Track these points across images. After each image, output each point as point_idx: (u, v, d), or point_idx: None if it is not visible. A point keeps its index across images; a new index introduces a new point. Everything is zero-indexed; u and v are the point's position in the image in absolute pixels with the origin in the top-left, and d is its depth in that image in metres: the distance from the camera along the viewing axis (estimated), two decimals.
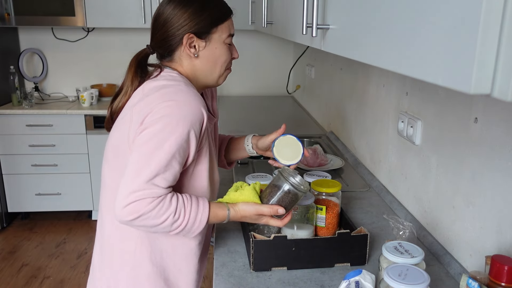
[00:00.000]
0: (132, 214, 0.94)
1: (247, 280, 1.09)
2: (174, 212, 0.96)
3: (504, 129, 0.95)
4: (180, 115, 0.96)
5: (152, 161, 0.94)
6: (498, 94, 0.45)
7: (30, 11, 3.11)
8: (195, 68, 1.10)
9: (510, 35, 0.43)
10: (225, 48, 1.11)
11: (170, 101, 0.97)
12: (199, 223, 1.00)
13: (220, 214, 1.04)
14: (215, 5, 1.09)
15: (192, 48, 1.07)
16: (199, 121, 0.99)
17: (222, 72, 1.13)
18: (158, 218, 0.95)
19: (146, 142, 0.96)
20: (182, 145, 0.97)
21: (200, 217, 1.00)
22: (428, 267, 1.01)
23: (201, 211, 1.00)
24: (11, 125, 3.16)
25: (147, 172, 0.94)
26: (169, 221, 0.96)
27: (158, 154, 0.94)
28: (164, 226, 0.97)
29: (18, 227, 3.37)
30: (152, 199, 0.94)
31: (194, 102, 0.99)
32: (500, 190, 0.97)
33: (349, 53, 0.83)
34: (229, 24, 1.11)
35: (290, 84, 3.65)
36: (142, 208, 0.93)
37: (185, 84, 1.03)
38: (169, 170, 0.96)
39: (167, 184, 0.96)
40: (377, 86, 1.71)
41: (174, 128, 0.95)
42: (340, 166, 1.85)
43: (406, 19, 0.60)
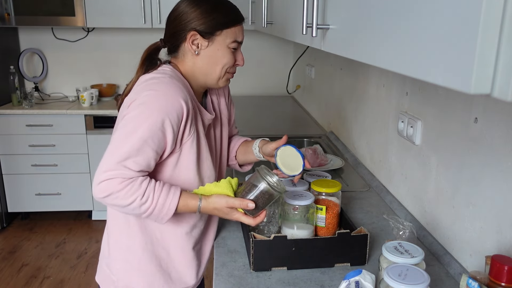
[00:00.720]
0: (103, 192, 1.00)
1: (247, 280, 1.09)
2: (142, 194, 1.01)
3: (504, 129, 0.95)
4: (156, 104, 1.02)
5: (125, 144, 1.00)
6: (498, 94, 0.45)
7: (30, 11, 3.11)
8: (195, 66, 1.13)
9: (510, 35, 0.43)
10: (227, 52, 1.12)
11: (150, 90, 1.03)
12: (168, 209, 1.03)
13: (191, 203, 1.06)
14: (226, 9, 1.12)
15: (194, 45, 1.10)
16: (177, 112, 1.03)
17: (221, 75, 1.15)
18: (127, 199, 1.00)
19: (123, 126, 1.02)
20: (156, 133, 1.01)
21: (169, 204, 1.03)
22: (428, 267, 1.01)
23: (170, 198, 1.03)
24: (11, 125, 3.16)
25: (119, 154, 1.00)
26: (136, 203, 1.00)
27: (131, 138, 1.00)
28: (133, 208, 1.01)
29: (18, 227, 3.37)
30: (122, 180, 1.00)
31: (172, 93, 1.03)
32: (500, 190, 0.97)
33: (349, 53, 0.83)
34: (236, 30, 1.12)
35: (290, 84, 3.65)
36: (112, 187, 0.99)
37: (170, 77, 1.07)
38: (141, 154, 1.01)
39: (138, 167, 1.01)
40: (377, 86, 1.71)
41: (148, 116, 1.01)
42: (340, 166, 1.85)
43: (406, 19, 0.60)
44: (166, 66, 1.13)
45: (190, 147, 1.10)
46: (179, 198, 1.04)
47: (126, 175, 1.00)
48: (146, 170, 1.04)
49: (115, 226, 1.19)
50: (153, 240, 1.16)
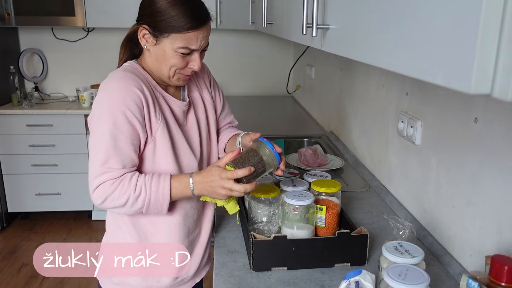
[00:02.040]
0: (100, 198, 1.04)
1: (247, 280, 1.09)
2: (134, 189, 1.03)
3: (504, 129, 0.95)
4: (110, 100, 1.03)
5: (100, 148, 1.03)
6: (498, 94, 0.45)
7: (30, 11, 3.11)
8: (148, 59, 1.13)
9: (510, 35, 0.43)
10: (174, 55, 1.06)
11: (102, 91, 1.06)
12: (163, 195, 1.05)
13: (183, 179, 1.06)
14: (178, 14, 1.02)
15: (144, 39, 1.09)
16: (134, 101, 1.03)
17: (170, 74, 1.10)
18: (122, 198, 1.03)
19: (92, 135, 1.06)
20: (123, 126, 1.03)
21: (162, 189, 1.05)
22: (428, 267, 1.01)
23: (162, 183, 1.05)
24: (11, 125, 3.15)
25: (99, 158, 1.03)
26: (132, 198, 1.03)
27: (102, 141, 1.02)
28: (131, 204, 1.04)
29: (18, 227, 3.37)
30: (112, 181, 1.03)
31: (124, 85, 1.04)
32: (500, 190, 0.97)
33: (349, 53, 0.83)
34: (187, 37, 1.04)
35: (290, 84, 3.65)
36: (105, 191, 1.03)
37: (124, 70, 1.09)
38: (118, 152, 1.03)
39: (121, 164, 1.03)
40: (377, 86, 1.71)
41: (108, 114, 1.02)
42: (340, 166, 1.85)
43: (406, 19, 0.60)
44: (128, 62, 1.14)
45: (162, 135, 1.11)
46: (170, 181, 1.05)
47: (114, 175, 1.03)
48: (131, 165, 1.06)
49: (110, 224, 1.22)
50: (147, 234, 1.17)
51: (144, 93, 1.06)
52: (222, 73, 3.53)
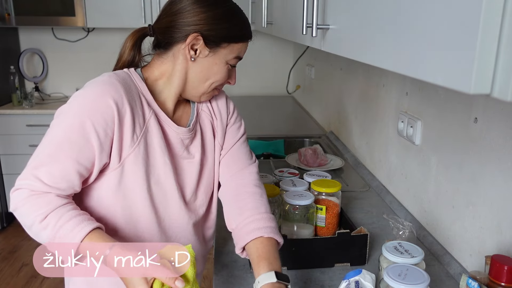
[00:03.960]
0: (12, 204, 0.86)
1: (247, 280, 1.09)
2: (43, 217, 0.81)
3: (504, 129, 0.95)
4: (78, 104, 0.87)
5: (40, 151, 0.86)
6: (498, 94, 0.45)
7: (30, 11, 3.11)
8: (181, 72, 0.96)
9: (510, 35, 0.43)
10: (224, 68, 0.97)
11: (79, 90, 0.89)
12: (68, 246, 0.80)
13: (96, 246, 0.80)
14: (239, 22, 0.97)
15: (193, 50, 0.94)
16: (102, 114, 0.85)
17: (208, 90, 0.99)
18: (27, 217, 0.83)
19: (46, 133, 0.89)
20: (74, 137, 0.84)
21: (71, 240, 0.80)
22: (428, 267, 1.01)
23: (73, 233, 0.79)
24: (11, 125, 3.15)
25: (34, 160, 0.86)
26: (36, 226, 0.81)
27: (46, 143, 0.86)
28: (35, 233, 0.83)
29: (18, 227, 3.35)
30: (28, 192, 0.83)
31: (99, 92, 0.86)
32: (500, 190, 0.97)
33: (349, 53, 0.83)
34: (242, 46, 0.98)
35: (290, 84, 3.65)
36: (17, 199, 0.84)
37: (110, 76, 0.91)
38: (56, 162, 0.84)
39: (52, 180, 0.83)
40: (377, 86, 1.71)
41: (66, 117, 0.86)
42: (340, 166, 1.85)
43: (406, 19, 0.60)
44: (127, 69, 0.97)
45: (135, 163, 0.91)
46: (83, 237, 0.80)
47: (34, 187, 0.83)
48: (64, 188, 0.85)
49: None
50: None
51: (122, 107, 0.87)
52: None
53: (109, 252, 0.78)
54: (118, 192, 0.92)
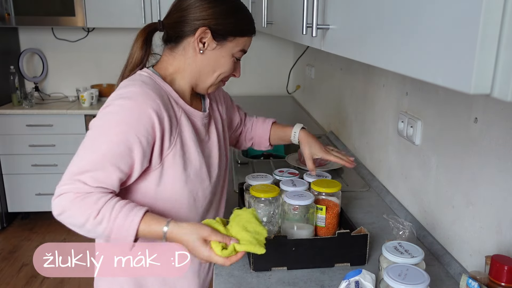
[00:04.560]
0: (57, 209, 0.90)
1: (247, 280, 1.09)
2: (96, 213, 0.87)
3: (504, 129, 0.95)
4: (122, 115, 0.92)
5: (84, 157, 0.91)
6: (498, 94, 0.45)
7: (30, 11, 3.11)
8: (192, 65, 1.04)
9: (510, 35, 0.43)
10: (230, 61, 1.05)
11: (118, 99, 0.93)
12: (126, 233, 0.88)
13: (154, 227, 0.90)
14: (244, 17, 1.06)
15: (201, 43, 1.01)
16: (145, 126, 0.92)
17: (215, 82, 1.07)
18: (79, 217, 0.88)
19: (86, 136, 0.94)
20: (119, 148, 0.91)
21: (128, 228, 0.88)
22: (428, 267, 1.01)
23: (129, 220, 0.88)
24: (11, 125, 3.16)
25: (76, 166, 0.90)
26: (90, 223, 0.88)
27: (90, 152, 0.91)
28: (89, 229, 0.89)
29: (18, 227, 3.37)
30: (75, 195, 0.88)
31: (142, 104, 0.93)
32: (500, 190, 0.97)
33: (349, 53, 0.83)
34: (247, 40, 1.07)
35: (290, 84, 3.65)
36: (64, 203, 0.89)
37: (142, 83, 0.96)
38: (100, 169, 0.90)
39: (96, 183, 0.90)
40: (377, 86, 1.71)
41: (110, 127, 0.92)
42: (340, 166, 1.85)
43: (406, 19, 0.60)
44: (146, 70, 1.04)
45: (173, 160, 1.00)
46: (139, 222, 0.89)
47: (79, 189, 0.88)
48: (107, 188, 0.92)
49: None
50: None
51: (161, 116, 0.95)
52: None
53: (167, 228, 0.89)
54: (159, 188, 1.00)
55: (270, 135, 1.37)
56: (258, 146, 1.40)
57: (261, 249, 0.90)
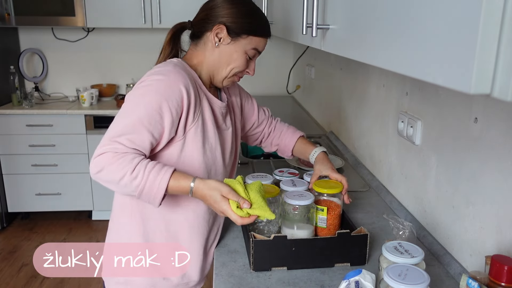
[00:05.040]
0: (96, 167, 1.01)
1: (247, 280, 1.09)
2: (132, 169, 0.99)
3: (504, 129, 0.95)
4: (155, 87, 1.04)
5: (120, 122, 1.03)
6: (498, 94, 0.45)
7: (30, 11, 3.11)
8: (209, 58, 1.15)
9: (510, 35, 0.43)
10: (243, 57, 1.15)
11: (153, 75, 1.06)
12: (158, 187, 1.00)
13: (183, 182, 1.02)
14: (260, 19, 1.16)
15: (217, 38, 1.13)
16: (176, 98, 1.04)
17: (228, 75, 1.17)
18: (117, 173, 0.99)
19: (122, 106, 1.06)
20: (152, 114, 1.02)
21: (159, 182, 1.00)
22: (428, 267, 1.01)
23: (161, 175, 1.00)
24: (11, 125, 3.15)
25: (114, 130, 1.02)
26: (127, 177, 0.99)
27: (126, 117, 1.03)
28: (125, 183, 1.00)
29: (18, 227, 3.37)
30: (113, 154, 1.00)
31: (173, 79, 1.05)
32: (500, 190, 0.97)
33: (349, 53, 0.83)
34: (260, 41, 1.16)
35: (290, 84, 3.65)
36: (103, 161, 1.00)
37: (175, 65, 1.09)
38: (135, 133, 1.02)
39: (132, 144, 1.01)
40: (377, 86, 1.71)
41: (146, 96, 1.03)
42: (340, 166, 1.85)
43: (406, 19, 0.60)
44: (175, 58, 1.16)
45: (195, 134, 1.11)
46: (169, 177, 1.01)
47: (118, 149, 1.01)
48: (140, 150, 1.03)
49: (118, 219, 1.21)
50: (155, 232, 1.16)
51: (189, 92, 1.07)
52: None
53: (193, 184, 1.02)
54: (180, 159, 1.11)
55: (294, 147, 1.45)
56: (281, 153, 1.49)
57: (272, 215, 1.01)
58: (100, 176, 1.02)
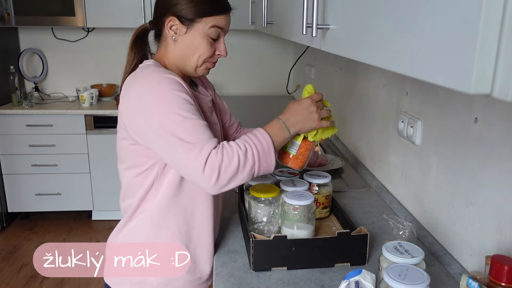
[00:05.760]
0: (214, 173, 0.94)
1: (247, 280, 1.09)
2: (238, 147, 0.97)
3: (504, 129, 0.95)
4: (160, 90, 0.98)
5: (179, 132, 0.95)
6: (498, 94, 0.45)
7: (30, 11, 3.11)
8: (173, 52, 1.10)
9: (510, 35, 0.43)
10: (205, 41, 1.08)
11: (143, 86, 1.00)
12: (266, 142, 1.00)
13: (273, 123, 1.05)
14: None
15: (172, 31, 1.07)
16: (182, 89, 1.00)
17: (198, 64, 1.10)
18: (233, 161, 0.95)
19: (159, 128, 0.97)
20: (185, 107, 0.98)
21: (263, 137, 1.01)
22: (428, 267, 1.01)
23: (256, 132, 1.02)
24: (11, 125, 3.16)
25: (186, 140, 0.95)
26: (242, 156, 0.96)
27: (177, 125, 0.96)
28: (243, 164, 0.96)
29: (18, 227, 3.37)
30: (215, 151, 0.95)
31: (168, 77, 1.00)
32: (500, 190, 0.97)
33: (349, 53, 0.83)
34: (218, 19, 1.08)
35: (290, 84, 3.65)
36: (214, 163, 0.94)
37: (155, 66, 1.05)
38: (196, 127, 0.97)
39: (208, 135, 0.98)
40: (377, 86, 1.71)
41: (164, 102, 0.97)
42: (340, 166, 1.85)
43: (406, 19, 0.60)
44: (146, 61, 1.11)
45: None
46: (264, 129, 1.03)
47: (211, 146, 0.96)
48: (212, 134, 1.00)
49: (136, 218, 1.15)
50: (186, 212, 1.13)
51: (185, 87, 1.03)
52: (222, 73, 3.53)
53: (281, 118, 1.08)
54: None
55: None
56: None
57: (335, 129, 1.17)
58: (220, 179, 0.95)
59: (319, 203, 1.33)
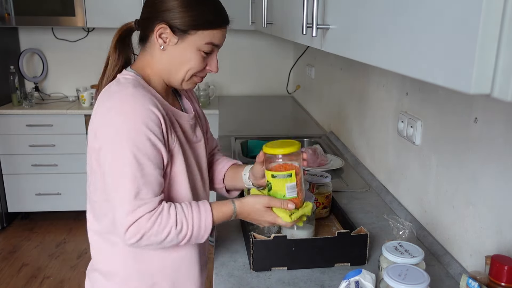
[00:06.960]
0: (135, 236, 0.92)
1: (247, 280, 1.09)
2: (175, 223, 0.93)
3: (504, 129, 0.95)
4: (129, 124, 0.90)
5: (125, 180, 0.90)
6: (498, 94, 0.45)
7: (30, 11, 3.11)
8: (160, 62, 1.00)
9: (510, 35, 0.43)
10: (197, 55, 0.99)
11: (113, 111, 0.92)
12: (205, 227, 0.97)
13: (225, 210, 1.01)
14: (210, 8, 0.98)
15: (162, 39, 0.97)
16: (155, 123, 0.92)
17: (186, 78, 1.02)
18: (161, 234, 0.93)
19: (110, 167, 0.93)
20: (147, 151, 0.91)
21: (205, 221, 0.97)
22: (428, 267, 1.01)
23: (203, 215, 0.97)
24: (11, 125, 3.15)
25: (128, 192, 0.91)
26: (172, 233, 0.94)
27: (126, 171, 0.90)
28: (170, 240, 0.94)
29: (18, 227, 3.37)
30: (149, 215, 0.91)
31: (141, 105, 0.91)
32: (500, 190, 0.97)
33: (349, 53, 0.83)
34: (213, 34, 0.98)
35: (290, 84, 3.65)
36: (141, 227, 0.91)
37: (134, 86, 0.95)
38: (147, 180, 0.92)
39: (153, 193, 0.93)
40: (377, 86, 1.71)
41: (127, 139, 0.90)
42: (340, 166, 1.85)
43: (406, 19, 0.60)
44: (127, 73, 1.01)
45: (178, 155, 1.01)
46: (211, 211, 0.98)
47: (149, 208, 0.92)
48: (159, 190, 0.95)
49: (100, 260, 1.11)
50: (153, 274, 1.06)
51: (161, 112, 0.95)
52: (222, 73, 3.53)
53: (235, 207, 1.01)
54: (171, 181, 1.02)
55: (228, 170, 1.25)
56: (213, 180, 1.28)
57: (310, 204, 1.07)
58: (141, 243, 0.93)
59: (319, 203, 1.34)
